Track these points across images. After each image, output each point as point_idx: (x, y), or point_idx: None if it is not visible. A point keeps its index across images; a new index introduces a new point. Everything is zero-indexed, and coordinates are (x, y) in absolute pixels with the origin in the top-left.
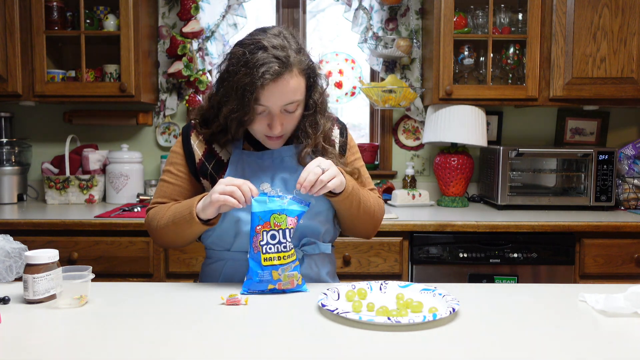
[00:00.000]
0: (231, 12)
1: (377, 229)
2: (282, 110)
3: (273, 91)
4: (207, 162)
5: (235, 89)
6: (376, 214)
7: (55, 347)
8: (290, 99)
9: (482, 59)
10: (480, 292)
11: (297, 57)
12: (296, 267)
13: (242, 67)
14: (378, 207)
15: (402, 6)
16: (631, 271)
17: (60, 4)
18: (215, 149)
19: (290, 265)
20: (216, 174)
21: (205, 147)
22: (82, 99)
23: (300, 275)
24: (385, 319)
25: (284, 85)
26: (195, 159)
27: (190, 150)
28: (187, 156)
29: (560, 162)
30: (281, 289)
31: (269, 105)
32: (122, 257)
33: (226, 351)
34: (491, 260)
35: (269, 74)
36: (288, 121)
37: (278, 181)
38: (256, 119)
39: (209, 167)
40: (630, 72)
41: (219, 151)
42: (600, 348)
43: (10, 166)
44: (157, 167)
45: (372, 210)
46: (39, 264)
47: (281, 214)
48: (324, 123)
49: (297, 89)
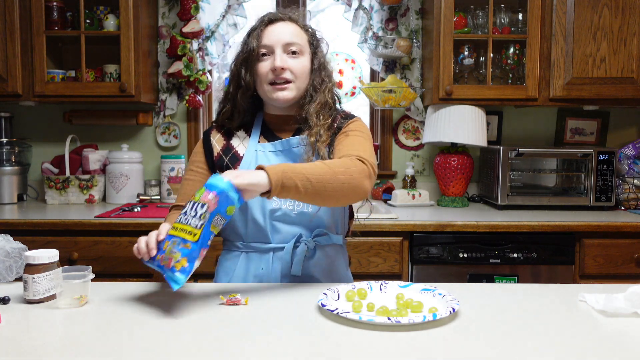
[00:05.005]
0: (231, 12)
1: (360, 187)
2: (286, 51)
3: (271, 31)
4: (224, 156)
5: (242, 52)
6: (337, 175)
7: (55, 347)
8: (289, 39)
9: (482, 59)
10: (480, 292)
11: (296, 15)
12: (185, 250)
13: (245, 35)
14: (341, 167)
15: (402, 6)
16: (631, 271)
17: (60, 4)
18: (232, 144)
19: (179, 242)
20: (232, 165)
21: (224, 142)
22: (82, 99)
23: (183, 263)
24: (385, 319)
25: (282, 26)
26: (214, 152)
27: (209, 145)
28: (206, 152)
29: (560, 162)
30: (159, 263)
31: (271, 44)
32: (122, 257)
33: (226, 351)
34: (491, 260)
35: (268, 18)
36: (293, 64)
37: None
38: (261, 65)
39: (225, 159)
40: (630, 72)
41: (236, 146)
42: (600, 348)
43: (10, 166)
44: (157, 167)
45: (330, 177)
46: (39, 264)
47: (204, 187)
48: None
49: (297, 34)
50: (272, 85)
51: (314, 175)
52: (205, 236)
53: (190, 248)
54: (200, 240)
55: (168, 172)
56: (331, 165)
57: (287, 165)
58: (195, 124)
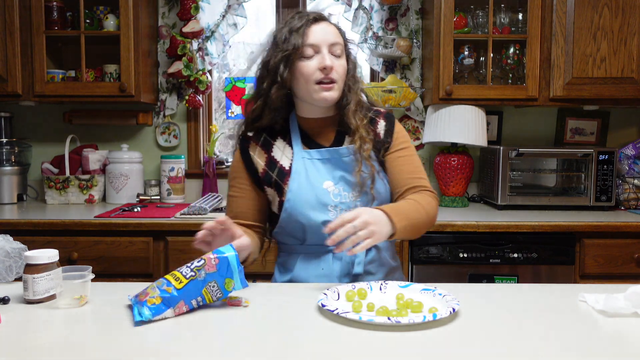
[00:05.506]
0: (231, 12)
1: (434, 221)
2: (330, 51)
3: (317, 30)
4: (270, 171)
5: (282, 50)
6: (429, 217)
7: (55, 347)
8: (334, 39)
9: (482, 59)
10: (480, 292)
11: (330, 19)
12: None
13: (284, 31)
14: (430, 209)
15: (402, 6)
16: (631, 271)
17: (60, 4)
18: (275, 157)
19: (164, 283)
20: (281, 181)
21: (265, 156)
22: (82, 99)
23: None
24: (385, 319)
25: (326, 26)
26: (258, 170)
27: (251, 161)
28: (247, 168)
29: (561, 162)
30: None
31: (317, 43)
32: (122, 257)
33: (227, 351)
34: (491, 260)
35: (312, 17)
36: (337, 65)
37: (338, 179)
38: (306, 64)
39: (273, 176)
40: (631, 72)
41: (279, 159)
42: (600, 348)
43: (10, 166)
44: (157, 167)
45: (425, 219)
46: (38, 264)
47: (216, 253)
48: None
49: (338, 35)
50: (319, 85)
51: (415, 220)
52: (192, 292)
53: (170, 293)
54: (184, 290)
55: (168, 172)
56: (425, 207)
57: (398, 211)
58: (195, 124)
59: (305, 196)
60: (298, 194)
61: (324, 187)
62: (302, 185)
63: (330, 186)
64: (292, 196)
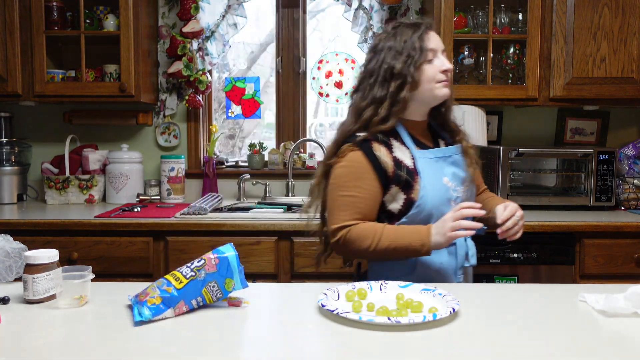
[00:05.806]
0: (231, 12)
1: None
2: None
3: (434, 36)
4: (399, 171)
5: (406, 53)
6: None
7: (55, 347)
8: (443, 46)
9: (482, 58)
10: (480, 292)
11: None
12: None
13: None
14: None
15: (402, 6)
16: (631, 271)
17: (60, 4)
18: (397, 157)
19: (164, 283)
20: (412, 180)
21: (391, 156)
22: (82, 99)
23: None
24: (385, 319)
25: (435, 33)
26: (388, 170)
27: (378, 162)
28: (375, 168)
29: (561, 162)
30: (136, 298)
31: (436, 48)
32: (122, 257)
33: (227, 351)
34: (491, 260)
35: (427, 24)
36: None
37: (451, 176)
38: (431, 66)
39: (403, 175)
40: (630, 72)
41: (401, 158)
42: (600, 348)
43: (10, 166)
44: (157, 167)
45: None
46: (38, 264)
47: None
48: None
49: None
50: (440, 83)
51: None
52: (192, 292)
53: (170, 293)
54: (184, 290)
55: (168, 172)
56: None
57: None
58: (195, 124)
59: (436, 192)
60: (430, 191)
61: (444, 183)
62: (432, 182)
63: (448, 182)
64: (425, 193)
